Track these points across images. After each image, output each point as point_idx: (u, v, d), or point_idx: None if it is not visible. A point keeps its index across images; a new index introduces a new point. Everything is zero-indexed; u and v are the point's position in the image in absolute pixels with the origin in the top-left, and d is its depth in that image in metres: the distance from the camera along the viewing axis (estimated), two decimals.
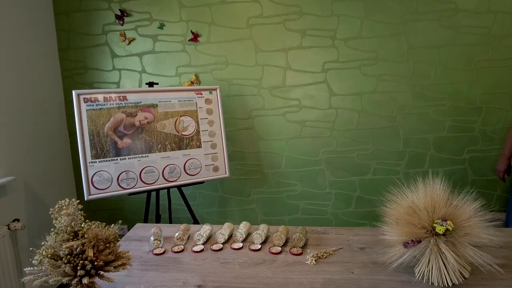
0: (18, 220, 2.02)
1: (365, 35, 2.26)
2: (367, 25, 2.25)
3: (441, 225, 0.97)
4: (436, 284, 0.98)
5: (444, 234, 0.97)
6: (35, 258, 0.82)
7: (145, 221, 2.11)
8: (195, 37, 2.37)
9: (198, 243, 1.33)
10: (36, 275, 0.83)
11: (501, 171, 2.07)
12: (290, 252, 1.24)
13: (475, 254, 0.96)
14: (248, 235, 1.38)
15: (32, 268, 0.84)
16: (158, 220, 2.18)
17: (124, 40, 2.42)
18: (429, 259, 0.99)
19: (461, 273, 0.97)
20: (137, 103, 1.99)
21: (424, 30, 2.22)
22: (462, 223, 0.98)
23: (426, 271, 1.00)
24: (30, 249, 0.86)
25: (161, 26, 2.39)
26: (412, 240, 1.00)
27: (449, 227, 0.96)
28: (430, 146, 2.36)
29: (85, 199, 1.85)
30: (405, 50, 2.25)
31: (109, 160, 1.91)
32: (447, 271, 0.97)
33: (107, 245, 0.87)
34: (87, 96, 1.89)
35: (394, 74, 2.29)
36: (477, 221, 0.98)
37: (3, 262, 1.81)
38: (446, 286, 0.97)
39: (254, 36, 2.34)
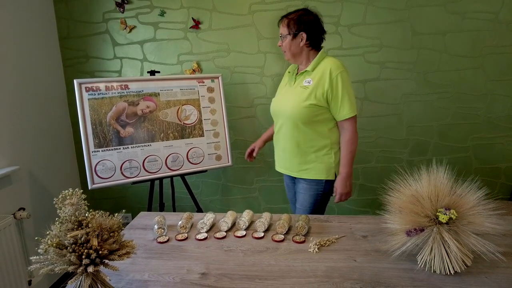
0: (23, 209, 2.04)
1: (369, 21, 2.23)
2: (371, 11, 2.21)
3: (444, 214, 0.97)
4: (438, 272, 0.99)
5: (447, 223, 0.97)
6: (41, 247, 0.83)
7: (149, 209, 2.12)
8: (196, 24, 2.34)
9: (201, 231, 1.34)
10: (42, 263, 0.84)
11: None
12: (293, 240, 1.25)
13: (477, 243, 0.96)
14: (251, 223, 1.39)
15: (38, 257, 0.85)
16: (161, 208, 2.20)
17: (125, 28, 2.39)
18: (431, 248, 1.00)
19: (463, 261, 0.97)
20: (139, 92, 1.98)
21: (429, 16, 2.17)
22: (465, 212, 0.98)
23: (428, 259, 1.00)
24: (36, 238, 0.87)
25: (162, 14, 2.36)
26: (415, 229, 1.00)
27: (452, 216, 0.96)
28: (434, 134, 2.35)
29: (89, 188, 1.87)
30: (410, 36, 2.22)
31: (112, 149, 1.91)
32: (450, 259, 0.97)
33: (111, 234, 0.88)
34: (89, 85, 1.88)
35: (398, 61, 2.26)
36: (481, 210, 0.98)
37: (10, 251, 1.84)
38: (448, 274, 0.98)
39: (256, 23, 2.31)
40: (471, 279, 0.97)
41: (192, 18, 2.33)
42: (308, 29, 1.53)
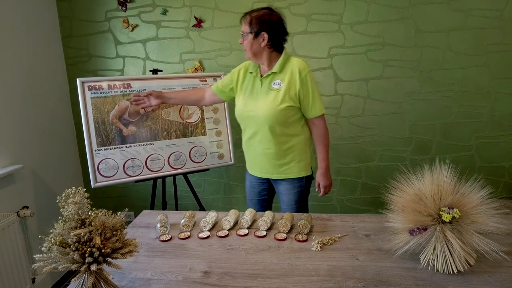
0: (27, 207, 2.05)
1: (372, 19, 2.22)
2: (374, 9, 2.20)
3: (447, 213, 0.96)
4: (441, 271, 0.99)
5: (450, 222, 0.97)
6: (44, 245, 0.83)
7: (152, 208, 2.13)
8: (198, 23, 2.34)
9: (204, 229, 1.34)
10: (45, 262, 0.85)
11: None
12: (295, 239, 1.24)
13: (481, 242, 0.96)
14: (254, 221, 1.39)
15: (41, 255, 0.85)
16: (164, 207, 2.20)
17: (127, 27, 2.40)
18: (434, 247, 0.99)
19: (466, 260, 0.97)
20: (142, 90, 1.98)
21: (433, 14, 2.16)
22: (469, 211, 0.98)
23: (431, 258, 1.00)
24: (39, 236, 0.87)
25: (164, 12, 2.36)
26: (418, 228, 1.00)
27: (455, 215, 0.95)
28: (437, 133, 2.34)
29: (92, 187, 1.87)
30: (413, 34, 2.20)
31: (114, 148, 1.92)
32: (453, 259, 0.97)
33: (114, 232, 0.88)
34: (92, 84, 1.89)
35: (401, 60, 2.25)
36: (484, 209, 0.97)
37: (14, 248, 1.85)
38: (452, 273, 0.98)
39: None
40: (474, 278, 0.97)
41: (194, 17, 2.33)
42: (270, 30, 1.49)
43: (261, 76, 1.59)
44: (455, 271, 0.97)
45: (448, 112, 2.29)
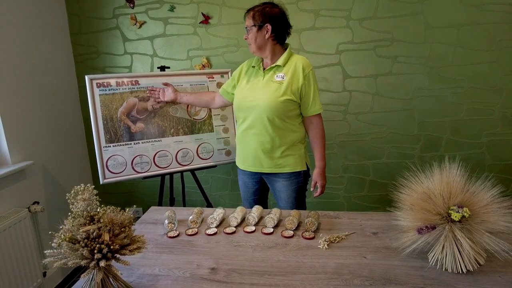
0: (38, 202, 2.08)
1: (380, 15, 2.19)
2: (383, 4, 2.17)
3: (457, 212, 0.95)
4: (450, 270, 0.98)
5: (459, 221, 0.95)
6: (54, 241, 0.85)
7: (160, 204, 2.15)
8: (206, 19, 2.33)
9: (211, 226, 1.35)
10: (56, 257, 0.86)
11: None
12: (302, 236, 1.24)
13: (491, 241, 0.94)
14: (261, 218, 1.39)
15: (52, 251, 0.86)
16: (172, 203, 2.22)
17: (135, 24, 2.41)
18: (443, 246, 0.98)
19: (476, 260, 0.96)
20: (150, 87, 1.99)
21: (443, 9, 2.12)
22: (479, 210, 0.96)
23: (440, 257, 0.99)
24: (50, 232, 0.89)
25: (172, 9, 2.36)
26: (427, 226, 0.99)
27: (465, 214, 0.94)
28: (446, 130, 2.30)
29: (101, 183, 1.89)
30: (423, 30, 2.17)
31: (123, 145, 1.93)
32: (462, 258, 0.96)
33: (122, 229, 0.89)
34: (100, 81, 1.90)
35: (410, 56, 2.22)
36: (495, 208, 0.96)
37: (25, 243, 1.89)
38: (461, 272, 0.97)
39: None
40: (484, 278, 0.96)
41: (202, 13, 2.33)
42: (273, 21, 1.53)
43: (264, 69, 1.62)
44: (464, 270, 0.96)
45: (458, 109, 2.26)
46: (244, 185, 1.82)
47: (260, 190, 1.80)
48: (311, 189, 1.72)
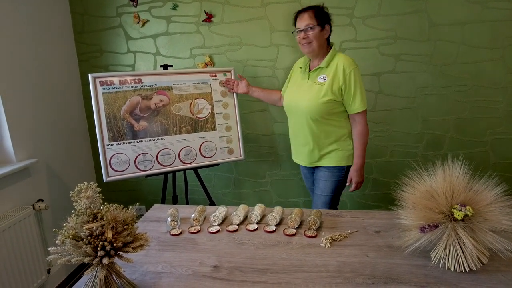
0: (42, 200, 2.10)
1: (384, 12, 2.17)
2: (387, 2, 2.16)
3: (460, 211, 0.95)
4: (452, 269, 0.98)
5: (462, 220, 0.95)
6: (58, 238, 0.85)
7: (162, 202, 2.15)
8: (208, 18, 2.33)
9: (214, 224, 1.36)
10: (59, 254, 0.87)
11: None
12: (305, 235, 1.25)
13: (494, 240, 0.94)
14: (263, 217, 1.40)
15: (56, 248, 0.87)
16: (175, 201, 2.23)
17: (138, 22, 2.41)
18: (446, 244, 0.98)
19: (479, 258, 0.96)
20: (152, 85, 1.99)
21: (448, 6, 2.11)
22: (482, 209, 0.96)
23: (442, 256, 0.99)
24: (53, 230, 0.90)
25: (175, 7, 2.36)
26: (429, 225, 0.98)
27: (468, 213, 0.94)
28: (450, 128, 2.29)
29: (104, 181, 1.90)
30: (427, 28, 2.16)
31: (126, 143, 1.94)
32: (465, 257, 0.95)
33: (125, 227, 0.90)
34: (103, 79, 1.91)
35: (414, 54, 2.21)
36: (498, 206, 0.95)
37: (30, 240, 1.90)
38: (463, 271, 0.96)
39: (269, 15, 2.28)
40: (487, 277, 0.96)
41: (205, 11, 2.33)
42: (329, 22, 1.64)
43: (309, 70, 1.71)
44: (467, 269, 0.96)
45: (462, 107, 2.24)
46: (304, 176, 1.98)
47: None
48: (347, 183, 1.77)
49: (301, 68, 1.76)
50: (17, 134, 1.98)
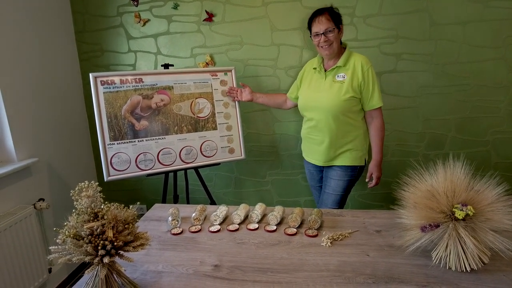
0: (43, 199, 2.10)
1: (385, 12, 2.17)
2: (388, 1, 2.15)
3: (461, 210, 0.94)
4: (453, 268, 0.97)
5: (463, 219, 0.95)
6: (59, 237, 0.86)
7: (163, 201, 2.15)
8: (209, 17, 2.33)
9: (214, 223, 1.36)
10: (60, 253, 0.87)
11: None
12: (305, 234, 1.24)
13: (495, 240, 0.94)
14: (264, 216, 1.40)
15: (57, 247, 0.87)
16: (176, 200, 2.23)
17: (139, 22, 2.41)
18: (447, 244, 0.98)
19: (480, 258, 0.95)
20: (153, 85, 1.99)
21: (449, 6, 2.10)
22: (483, 208, 0.96)
23: (443, 255, 0.99)
24: (54, 229, 0.90)
25: (176, 7, 2.36)
26: (430, 225, 0.98)
27: (469, 212, 0.94)
28: (451, 128, 2.29)
29: (105, 180, 1.90)
30: (428, 27, 2.15)
31: (127, 142, 1.94)
32: (466, 256, 0.95)
33: (126, 226, 0.90)
34: (104, 79, 1.91)
35: (415, 53, 2.20)
36: (500, 206, 0.95)
37: (31, 239, 1.91)
38: (464, 271, 0.96)
39: (270, 15, 2.28)
40: (488, 277, 0.95)
41: (206, 11, 2.33)
42: (342, 22, 1.69)
43: (325, 70, 1.74)
44: (468, 269, 0.95)
45: (463, 107, 2.24)
46: (310, 174, 2.00)
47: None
48: (366, 179, 1.82)
49: (315, 68, 1.79)
50: (18, 134, 1.98)
